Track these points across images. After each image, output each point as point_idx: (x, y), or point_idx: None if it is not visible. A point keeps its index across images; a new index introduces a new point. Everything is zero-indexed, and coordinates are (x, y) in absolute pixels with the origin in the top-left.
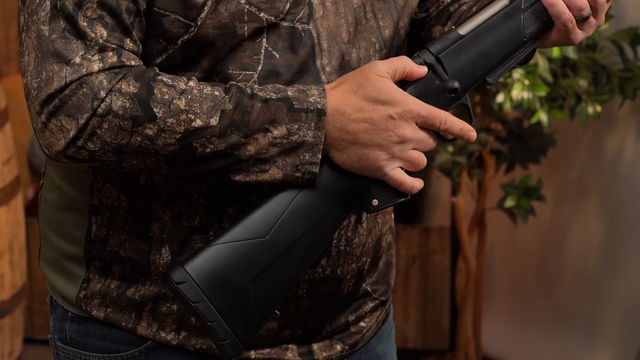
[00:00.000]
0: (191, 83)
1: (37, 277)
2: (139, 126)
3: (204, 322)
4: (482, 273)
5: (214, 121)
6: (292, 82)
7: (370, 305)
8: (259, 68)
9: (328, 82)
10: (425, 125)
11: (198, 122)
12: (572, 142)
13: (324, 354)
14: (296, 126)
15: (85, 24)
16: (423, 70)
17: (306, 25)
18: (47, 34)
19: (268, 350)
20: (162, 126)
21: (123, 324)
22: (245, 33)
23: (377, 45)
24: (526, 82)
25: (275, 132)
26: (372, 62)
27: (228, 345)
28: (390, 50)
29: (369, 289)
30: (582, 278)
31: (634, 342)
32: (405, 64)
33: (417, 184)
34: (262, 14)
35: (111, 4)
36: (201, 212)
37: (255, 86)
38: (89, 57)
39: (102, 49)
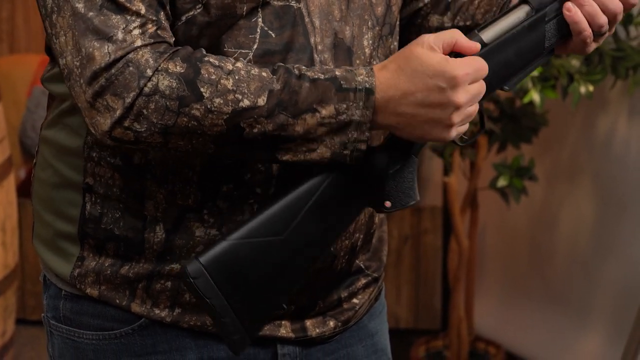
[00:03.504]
0: (238, 64)
1: (29, 257)
2: (186, 106)
3: (216, 318)
4: (474, 253)
5: (261, 101)
6: (286, 61)
7: (363, 281)
8: (254, 47)
9: (320, 61)
10: (475, 81)
11: (245, 103)
12: (564, 122)
13: (317, 330)
14: (344, 105)
15: (123, 0)
16: (475, 45)
17: (298, 4)
18: (83, 12)
19: None
20: (209, 106)
21: (117, 301)
22: (244, 12)
23: (369, 23)
24: None
25: (324, 112)
26: (420, 36)
27: (237, 341)
28: (383, 27)
29: (362, 265)
30: (574, 258)
31: (625, 321)
32: (453, 36)
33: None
34: None
35: None
36: (195, 191)
37: (303, 67)
38: (130, 31)
39: (143, 24)
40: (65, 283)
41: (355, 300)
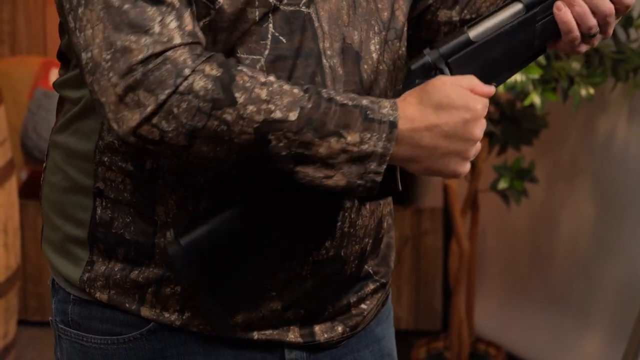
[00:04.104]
0: (271, 77)
1: (30, 259)
2: (218, 110)
3: (198, 297)
4: (475, 254)
5: (292, 116)
6: (296, 66)
7: (372, 287)
8: (266, 53)
9: (330, 66)
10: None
11: (277, 114)
12: (564, 124)
13: (326, 335)
14: (368, 135)
15: None
16: (491, 90)
17: (308, 9)
18: (117, 4)
19: (270, 331)
20: (241, 112)
21: (127, 305)
22: (257, 18)
23: (376, 28)
24: None
25: (349, 138)
26: (439, 76)
27: (219, 321)
28: (389, 32)
29: (370, 270)
30: (574, 259)
31: (626, 322)
32: (471, 82)
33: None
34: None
35: None
36: (206, 197)
37: (332, 91)
38: (167, 23)
39: (179, 17)
40: (74, 287)
41: (363, 306)
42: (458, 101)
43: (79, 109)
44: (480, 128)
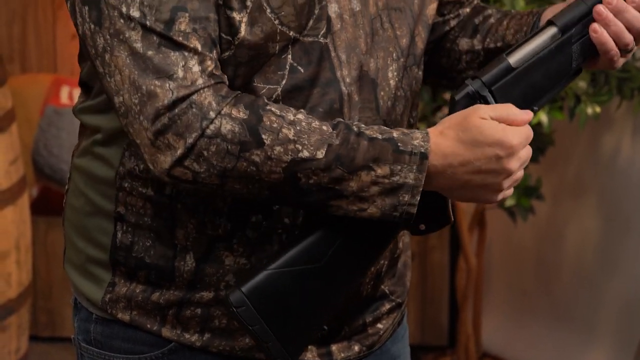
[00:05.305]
0: (300, 115)
1: (40, 274)
2: (247, 151)
3: (260, 343)
4: (481, 271)
5: (320, 154)
6: (314, 95)
7: (388, 306)
8: (283, 82)
9: (348, 93)
10: (527, 145)
11: (305, 153)
12: (570, 141)
13: (342, 354)
14: (399, 167)
15: (180, 38)
16: (528, 116)
17: (325, 39)
18: (141, 51)
19: None
20: (269, 153)
21: (148, 326)
22: (277, 50)
23: (394, 55)
24: None
25: (379, 171)
26: (476, 106)
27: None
28: (407, 59)
29: (386, 290)
30: (580, 275)
31: (631, 337)
32: (509, 111)
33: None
34: (290, 32)
35: (201, 15)
36: (225, 221)
37: (362, 125)
38: (190, 68)
39: (201, 60)
40: (96, 307)
41: (379, 325)
42: (492, 138)
43: (101, 137)
44: (515, 161)
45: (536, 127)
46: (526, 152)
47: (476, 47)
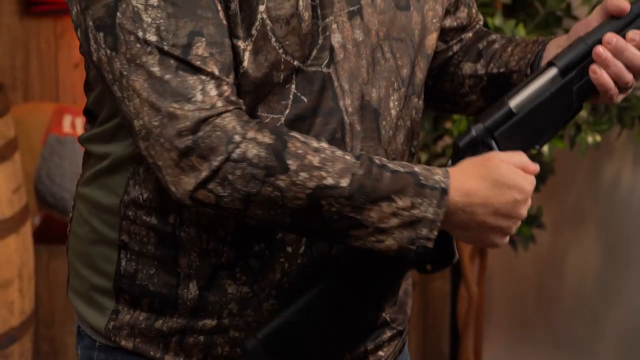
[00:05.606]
0: (323, 144)
1: (42, 303)
2: (272, 176)
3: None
4: (482, 299)
5: (344, 182)
6: (316, 125)
7: (389, 334)
8: (287, 112)
9: (350, 123)
10: None
11: (329, 181)
12: (571, 170)
13: None
14: (419, 200)
15: (198, 62)
16: (537, 168)
17: (328, 69)
18: (159, 75)
19: None
20: (294, 179)
21: (151, 353)
22: (281, 81)
23: (395, 84)
24: None
25: (400, 203)
26: (494, 153)
27: None
28: (408, 89)
29: (388, 318)
30: (580, 304)
31: None
32: (522, 161)
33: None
34: (295, 62)
35: (218, 40)
36: (228, 250)
37: (384, 158)
38: (208, 91)
39: (218, 85)
40: (99, 335)
41: (380, 353)
42: (513, 181)
43: (106, 165)
44: (526, 207)
45: (537, 155)
46: (530, 202)
47: (479, 71)
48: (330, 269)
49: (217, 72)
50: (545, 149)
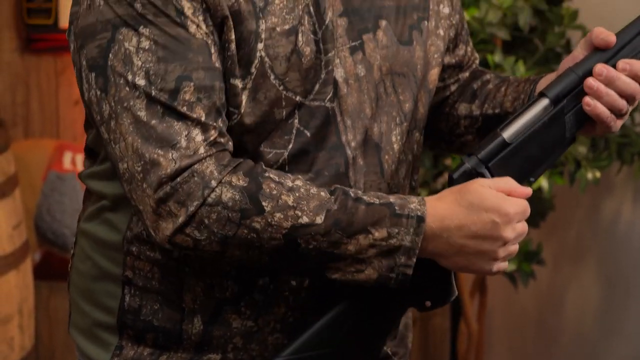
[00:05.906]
0: (298, 182)
1: (42, 339)
2: (247, 219)
3: None
4: (482, 336)
5: (319, 219)
6: (319, 159)
7: None
8: (290, 147)
9: (353, 157)
10: (521, 221)
11: (304, 219)
12: (570, 206)
13: None
14: (396, 230)
15: (184, 108)
16: (528, 191)
17: (332, 103)
18: (145, 120)
19: None
20: (269, 220)
21: None
22: (283, 117)
23: (397, 119)
24: None
25: (377, 234)
26: (477, 179)
27: None
28: (410, 123)
29: (389, 351)
30: (580, 339)
31: None
32: (508, 183)
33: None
34: (297, 97)
35: (207, 84)
36: (232, 284)
37: (359, 191)
38: (193, 138)
39: (204, 130)
40: None
41: None
42: (489, 203)
43: (109, 202)
44: (510, 230)
45: (537, 192)
46: (522, 226)
47: (474, 112)
48: (334, 304)
49: (203, 118)
50: (545, 185)
